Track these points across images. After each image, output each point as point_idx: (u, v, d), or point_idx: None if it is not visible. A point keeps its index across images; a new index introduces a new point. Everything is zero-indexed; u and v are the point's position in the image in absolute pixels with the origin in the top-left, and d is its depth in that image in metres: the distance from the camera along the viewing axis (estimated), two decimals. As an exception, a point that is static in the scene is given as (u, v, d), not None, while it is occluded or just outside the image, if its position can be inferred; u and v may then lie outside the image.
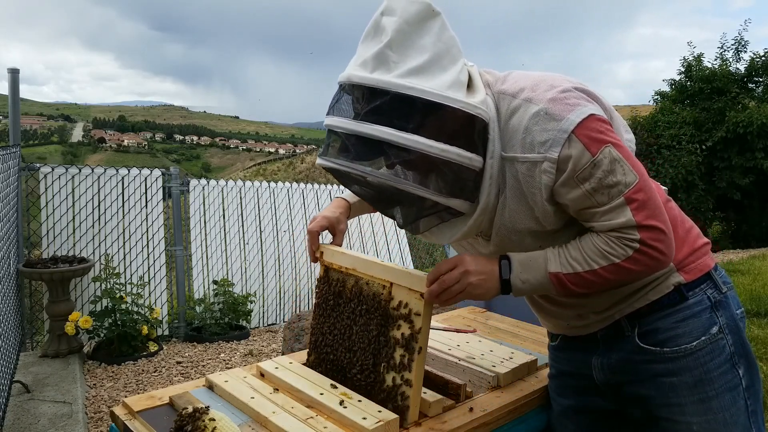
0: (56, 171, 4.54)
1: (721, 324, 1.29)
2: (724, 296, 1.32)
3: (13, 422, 2.94)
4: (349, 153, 1.17)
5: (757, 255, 7.24)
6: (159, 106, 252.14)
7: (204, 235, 5.39)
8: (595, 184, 1.14)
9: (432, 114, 1.12)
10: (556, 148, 1.13)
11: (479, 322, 2.19)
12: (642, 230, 1.15)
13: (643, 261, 1.17)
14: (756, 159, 11.70)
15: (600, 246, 1.18)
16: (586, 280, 1.20)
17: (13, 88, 4.42)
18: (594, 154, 1.13)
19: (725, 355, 1.29)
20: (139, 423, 1.38)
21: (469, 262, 1.25)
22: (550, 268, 1.21)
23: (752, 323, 3.74)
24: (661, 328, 1.30)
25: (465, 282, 1.24)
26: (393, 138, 1.10)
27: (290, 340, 3.70)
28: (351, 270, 1.52)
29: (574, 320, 1.41)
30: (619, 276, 1.19)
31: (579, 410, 1.49)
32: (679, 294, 1.30)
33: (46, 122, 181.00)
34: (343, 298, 1.53)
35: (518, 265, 1.24)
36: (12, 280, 3.88)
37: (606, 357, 1.39)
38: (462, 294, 1.26)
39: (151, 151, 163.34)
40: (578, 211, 1.20)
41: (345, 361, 1.50)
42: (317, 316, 1.60)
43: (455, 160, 1.14)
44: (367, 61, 1.14)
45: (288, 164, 62.66)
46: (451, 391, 1.49)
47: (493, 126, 1.19)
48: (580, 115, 1.14)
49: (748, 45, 13.23)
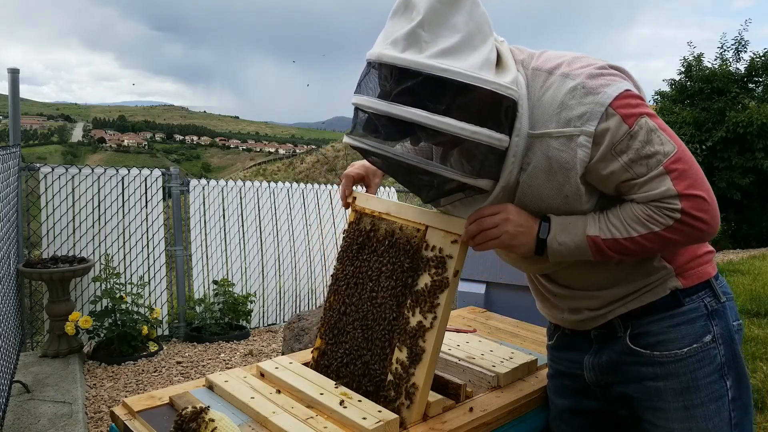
0: (56, 171, 4.54)
1: (715, 333, 1.28)
2: (722, 306, 1.31)
3: (13, 422, 2.94)
4: (378, 133, 1.17)
5: (757, 255, 7.23)
6: (159, 106, 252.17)
7: (204, 235, 5.39)
8: (633, 155, 1.14)
9: (463, 95, 1.11)
10: (593, 122, 1.13)
11: (479, 322, 2.19)
12: (684, 199, 1.13)
13: (685, 231, 1.15)
14: (756, 159, 11.70)
15: (640, 214, 1.17)
16: (624, 247, 1.19)
17: (13, 88, 4.42)
18: (631, 126, 1.13)
19: (715, 364, 1.28)
20: (139, 423, 1.38)
21: (512, 211, 1.24)
22: (588, 231, 1.20)
23: (752, 323, 3.74)
24: (653, 331, 1.30)
25: (503, 229, 1.23)
26: (425, 120, 1.09)
27: (290, 340, 3.70)
28: (384, 215, 1.50)
29: (569, 314, 1.41)
30: (659, 244, 1.18)
31: (574, 412, 1.49)
32: (674, 299, 1.29)
33: (46, 122, 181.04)
34: (372, 243, 1.50)
35: (557, 226, 1.23)
36: (12, 280, 3.88)
37: (597, 357, 1.39)
38: (496, 241, 1.25)
39: (151, 151, 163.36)
40: (617, 185, 1.19)
41: (366, 308, 1.48)
42: (342, 261, 1.57)
43: (485, 141, 1.14)
44: (397, 40, 1.12)
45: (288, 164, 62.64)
46: (451, 391, 1.49)
47: (522, 104, 1.18)
48: (616, 89, 1.14)
49: (748, 45, 13.24)
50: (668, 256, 1.29)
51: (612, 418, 1.44)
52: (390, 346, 1.41)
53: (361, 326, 1.48)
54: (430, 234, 1.40)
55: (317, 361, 1.59)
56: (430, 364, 1.35)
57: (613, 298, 1.33)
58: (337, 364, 1.52)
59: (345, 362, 1.50)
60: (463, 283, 2.49)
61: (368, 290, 1.48)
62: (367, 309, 1.48)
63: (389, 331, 1.42)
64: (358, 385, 1.45)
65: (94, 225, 4.64)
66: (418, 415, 1.35)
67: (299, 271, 6.07)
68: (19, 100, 4.46)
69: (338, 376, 1.50)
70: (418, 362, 1.35)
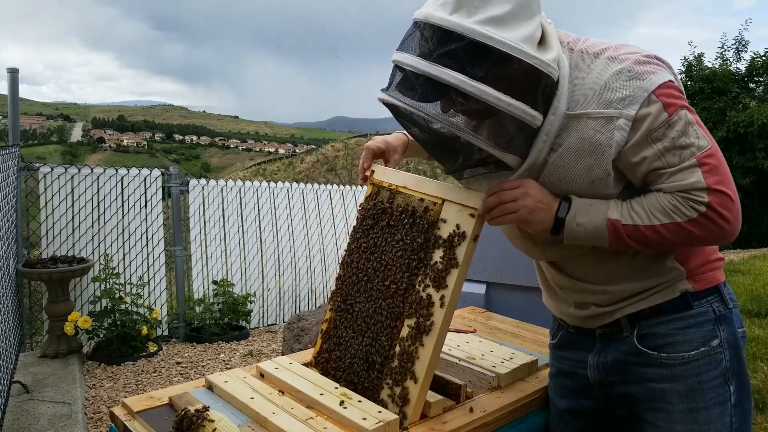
0: (55, 171, 4.53)
1: (722, 338, 1.28)
2: (729, 312, 1.31)
3: (12, 422, 2.93)
4: (414, 93, 1.17)
5: (757, 255, 7.23)
6: (158, 106, 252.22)
7: (203, 235, 5.38)
8: (668, 144, 1.14)
9: (504, 66, 1.11)
10: (634, 106, 1.14)
11: (480, 322, 2.19)
12: (711, 194, 1.12)
13: (707, 226, 1.14)
14: (756, 159, 11.71)
15: (665, 203, 1.16)
16: (644, 235, 1.18)
17: (12, 87, 4.41)
18: (670, 115, 1.13)
19: (720, 369, 1.28)
20: (139, 423, 1.37)
21: (533, 186, 1.23)
22: (610, 215, 1.19)
23: (752, 323, 3.74)
24: (661, 333, 1.29)
25: (522, 203, 1.21)
26: (463, 85, 1.09)
27: (290, 341, 3.70)
28: (402, 188, 1.49)
29: (575, 309, 1.41)
30: (679, 237, 1.17)
31: (574, 413, 1.48)
32: (684, 301, 1.29)
33: (46, 122, 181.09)
34: (388, 217, 1.49)
35: (578, 206, 1.21)
36: (11, 281, 3.87)
37: (602, 356, 1.38)
38: (514, 215, 1.23)
39: (151, 151, 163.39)
40: (647, 174, 1.18)
41: (378, 281, 1.47)
42: (356, 234, 1.56)
43: (519, 115, 1.14)
44: (447, 2, 1.12)
45: (288, 164, 62.66)
46: (451, 392, 1.48)
47: (562, 83, 1.19)
48: (661, 78, 1.15)
49: (748, 45, 13.24)
50: (681, 258, 1.29)
51: (611, 420, 1.44)
52: (400, 319, 1.40)
53: (372, 299, 1.47)
54: (446, 208, 1.39)
55: (327, 332, 1.57)
56: (438, 339, 1.34)
57: (621, 296, 1.32)
58: (347, 337, 1.51)
59: (354, 334, 1.49)
60: (464, 283, 2.49)
61: (381, 264, 1.47)
62: (378, 282, 1.47)
63: (400, 305, 1.41)
64: (366, 357, 1.44)
65: (94, 225, 4.64)
66: (423, 391, 1.35)
67: (299, 271, 6.07)
68: (18, 100, 4.45)
69: (347, 349, 1.50)
70: (426, 333, 1.35)
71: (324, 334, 1.58)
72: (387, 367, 1.40)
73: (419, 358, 1.35)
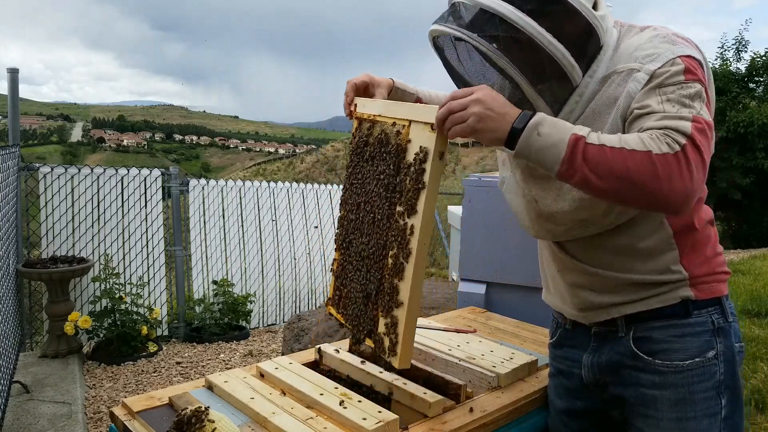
0: (55, 171, 4.53)
1: (719, 350, 1.27)
2: (729, 325, 1.30)
3: (12, 422, 2.93)
4: (462, 20, 1.20)
5: (757, 255, 7.23)
6: (158, 106, 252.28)
7: (203, 235, 5.38)
8: (673, 97, 1.13)
9: (556, 7, 1.14)
10: (658, 62, 1.15)
11: (480, 322, 2.19)
12: (691, 144, 1.07)
13: (672, 167, 1.05)
14: (757, 159, 11.69)
15: (642, 136, 1.09)
16: (604, 160, 1.07)
17: (12, 87, 4.41)
18: (687, 80, 1.13)
19: (714, 381, 1.26)
20: (139, 423, 1.37)
21: (485, 94, 1.15)
22: (576, 131, 1.11)
23: (752, 323, 3.74)
24: (657, 338, 1.28)
25: (471, 111, 1.14)
26: (511, 15, 1.12)
27: (290, 341, 3.69)
28: (377, 116, 1.47)
29: (573, 308, 1.40)
30: (640, 169, 1.05)
31: (571, 414, 1.48)
32: (684, 308, 1.27)
33: (46, 122, 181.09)
34: (369, 149, 1.47)
35: (543, 117, 1.13)
36: (11, 280, 3.87)
37: (596, 356, 1.38)
38: (464, 126, 1.16)
39: (151, 151, 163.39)
40: (639, 117, 1.14)
41: (364, 216, 1.46)
42: (347, 172, 1.56)
43: (559, 59, 1.15)
44: None
45: (288, 164, 62.66)
46: (451, 392, 1.48)
47: (605, 50, 1.21)
48: (693, 52, 1.17)
49: (748, 45, 13.22)
50: (687, 263, 1.27)
51: (609, 422, 1.43)
52: (386, 250, 1.38)
53: (364, 233, 1.46)
54: (413, 130, 1.34)
55: (336, 272, 1.58)
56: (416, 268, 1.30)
57: (616, 284, 1.30)
58: (350, 274, 1.51)
59: (354, 270, 1.49)
60: (463, 283, 2.48)
61: (368, 197, 1.46)
62: (366, 215, 1.46)
63: (384, 236, 1.38)
64: (363, 290, 1.44)
65: (94, 225, 4.64)
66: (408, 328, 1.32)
67: (299, 271, 6.07)
68: (18, 100, 4.45)
69: (351, 285, 1.50)
70: (406, 262, 1.31)
71: (334, 274, 1.59)
72: (380, 300, 1.38)
73: (401, 290, 1.33)
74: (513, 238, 2.33)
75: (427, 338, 1.88)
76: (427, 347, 1.79)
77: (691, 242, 1.28)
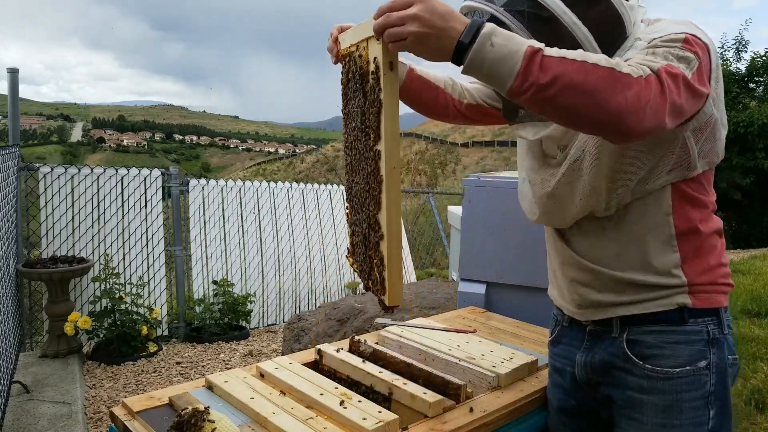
0: (56, 171, 4.53)
1: (711, 361, 1.24)
2: (724, 337, 1.27)
3: (12, 422, 2.93)
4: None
5: (757, 255, 7.23)
6: (158, 106, 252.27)
7: (203, 235, 5.39)
8: (658, 51, 1.10)
9: None
10: (660, 35, 1.13)
11: (479, 322, 2.19)
12: (656, 78, 1.02)
13: (638, 89, 1.00)
14: (756, 159, 11.69)
15: (607, 57, 1.04)
16: (562, 69, 0.99)
17: (12, 87, 4.41)
18: (683, 47, 1.09)
19: (703, 391, 1.24)
20: (139, 423, 1.37)
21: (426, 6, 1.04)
22: (533, 43, 1.03)
23: (752, 323, 3.74)
24: (650, 342, 1.27)
25: (408, 29, 1.05)
26: None
27: (290, 341, 3.69)
28: (350, 47, 1.34)
29: (571, 304, 1.39)
30: (600, 82, 0.99)
31: (567, 413, 1.48)
32: (679, 315, 1.25)
33: (46, 122, 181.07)
34: (349, 84, 1.36)
35: (494, 27, 1.04)
36: (11, 281, 3.87)
37: (589, 355, 1.37)
38: (403, 44, 1.08)
39: (151, 151, 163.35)
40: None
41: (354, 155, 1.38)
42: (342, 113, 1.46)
43: (581, 41, 1.13)
44: None
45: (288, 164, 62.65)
46: (451, 392, 1.48)
47: (630, 41, 1.20)
48: (704, 38, 1.13)
49: (748, 45, 13.21)
50: (688, 270, 1.26)
51: (604, 423, 1.43)
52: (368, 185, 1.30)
53: (358, 174, 1.38)
54: (371, 48, 1.23)
55: (349, 221, 1.52)
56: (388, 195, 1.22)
57: (615, 287, 1.29)
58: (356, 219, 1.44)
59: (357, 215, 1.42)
60: (463, 283, 2.48)
61: (353, 137, 1.38)
62: (354, 156, 1.38)
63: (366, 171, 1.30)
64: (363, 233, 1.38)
65: (94, 225, 4.64)
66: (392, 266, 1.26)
67: (299, 271, 6.07)
68: (18, 100, 4.45)
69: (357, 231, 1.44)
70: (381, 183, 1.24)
71: (349, 222, 1.52)
72: (371, 237, 1.32)
73: (381, 222, 1.26)
74: (513, 238, 2.33)
75: (427, 338, 1.88)
76: (427, 347, 1.79)
77: (695, 248, 1.26)
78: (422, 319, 2.14)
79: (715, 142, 1.24)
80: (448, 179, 24.54)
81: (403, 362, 1.62)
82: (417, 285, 4.07)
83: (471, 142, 70.53)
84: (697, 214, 1.26)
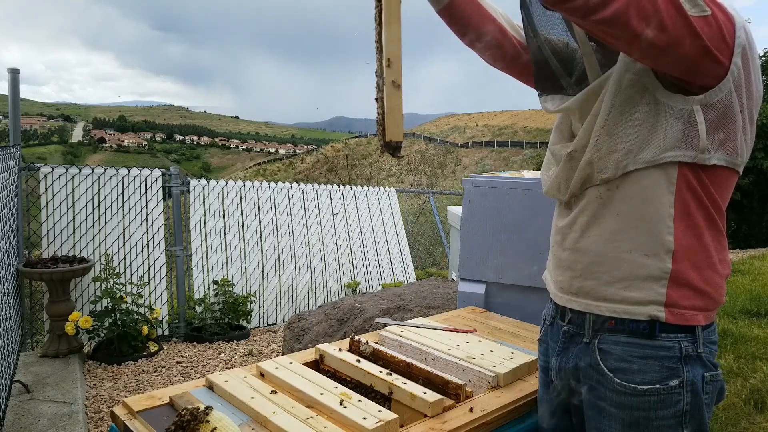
0: (56, 171, 4.54)
1: (685, 379, 1.17)
2: (698, 355, 1.19)
3: (13, 422, 2.94)
4: None
5: (757, 255, 7.22)
6: (159, 106, 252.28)
7: (204, 235, 5.39)
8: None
9: None
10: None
11: (479, 322, 2.19)
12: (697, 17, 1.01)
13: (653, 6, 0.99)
14: (756, 159, 11.69)
15: None
16: None
17: (13, 88, 4.42)
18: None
19: (675, 410, 1.17)
20: (139, 423, 1.38)
21: None
22: None
23: (752, 323, 3.74)
24: (618, 354, 1.21)
25: None
26: None
27: (290, 340, 3.70)
28: None
29: (554, 286, 1.36)
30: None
31: (553, 411, 1.46)
32: (650, 328, 1.18)
33: (46, 122, 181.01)
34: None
35: None
36: (12, 280, 3.88)
37: (563, 359, 1.33)
38: None
39: (151, 151, 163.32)
40: None
41: None
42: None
43: None
44: None
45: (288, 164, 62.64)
46: (451, 391, 1.49)
47: None
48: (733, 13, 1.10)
49: (748, 45, 13.21)
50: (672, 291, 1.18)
51: None
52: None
53: None
54: None
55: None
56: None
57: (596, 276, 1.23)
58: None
59: None
60: (463, 283, 2.49)
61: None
62: None
63: None
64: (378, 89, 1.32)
65: (94, 225, 4.65)
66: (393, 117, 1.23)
67: (299, 271, 6.07)
68: (19, 100, 4.46)
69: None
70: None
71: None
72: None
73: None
74: (512, 238, 2.34)
75: (427, 338, 1.88)
76: (427, 347, 1.80)
77: (689, 261, 1.18)
78: (422, 319, 2.14)
79: (734, 133, 1.16)
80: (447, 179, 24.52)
81: (403, 362, 1.63)
82: (417, 285, 4.08)
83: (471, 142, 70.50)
84: (701, 221, 1.19)
